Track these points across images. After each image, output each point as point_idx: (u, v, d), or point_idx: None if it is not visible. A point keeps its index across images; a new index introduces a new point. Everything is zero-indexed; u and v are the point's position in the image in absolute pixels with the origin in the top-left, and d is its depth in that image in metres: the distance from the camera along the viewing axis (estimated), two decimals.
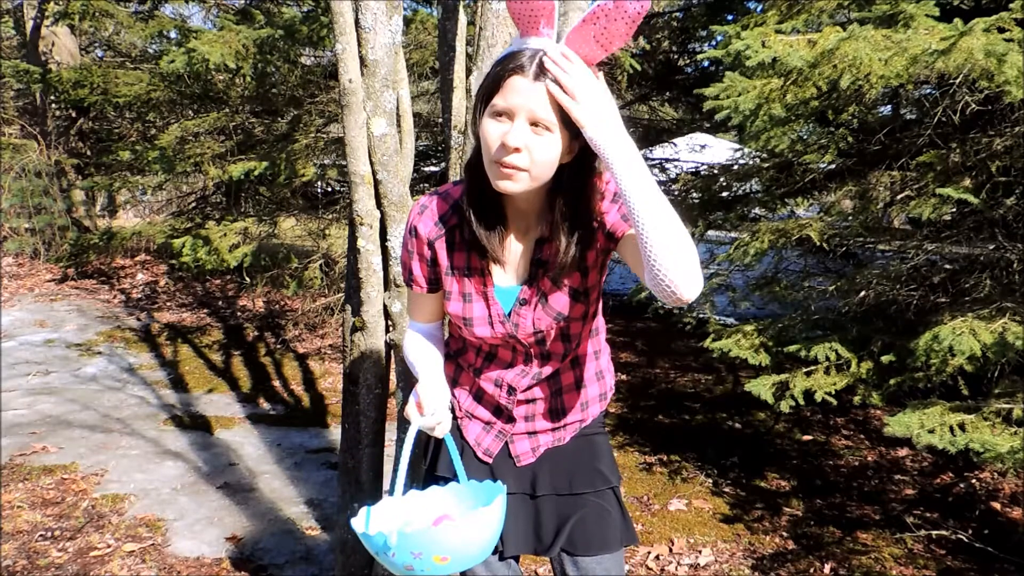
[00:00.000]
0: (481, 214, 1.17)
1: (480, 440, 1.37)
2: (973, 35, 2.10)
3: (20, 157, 7.40)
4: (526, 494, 1.36)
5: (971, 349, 2.26)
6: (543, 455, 1.37)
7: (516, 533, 1.35)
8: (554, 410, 1.35)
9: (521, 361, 1.30)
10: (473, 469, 1.36)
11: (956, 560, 2.66)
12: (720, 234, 4.59)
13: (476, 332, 1.26)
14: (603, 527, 1.33)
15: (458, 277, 1.25)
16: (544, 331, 1.25)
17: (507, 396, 1.32)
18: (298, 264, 5.40)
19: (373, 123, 1.86)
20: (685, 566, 2.65)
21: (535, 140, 1.05)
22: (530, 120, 1.05)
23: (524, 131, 1.05)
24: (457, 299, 1.26)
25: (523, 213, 1.20)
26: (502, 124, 1.06)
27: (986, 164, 2.53)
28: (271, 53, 4.66)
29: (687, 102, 6.52)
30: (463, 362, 1.37)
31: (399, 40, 1.93)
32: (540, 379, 1.31)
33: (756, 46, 2.51)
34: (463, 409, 1.39)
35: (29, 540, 2.63)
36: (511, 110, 1.05)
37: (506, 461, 1.37)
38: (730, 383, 4.77)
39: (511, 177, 1.07)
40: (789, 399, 2.79)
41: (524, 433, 1.36)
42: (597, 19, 1.00)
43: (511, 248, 1.23)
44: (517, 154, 1.05)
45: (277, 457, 3.50)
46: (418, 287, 1.30)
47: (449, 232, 1.24)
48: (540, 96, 1.03)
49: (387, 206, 1.92)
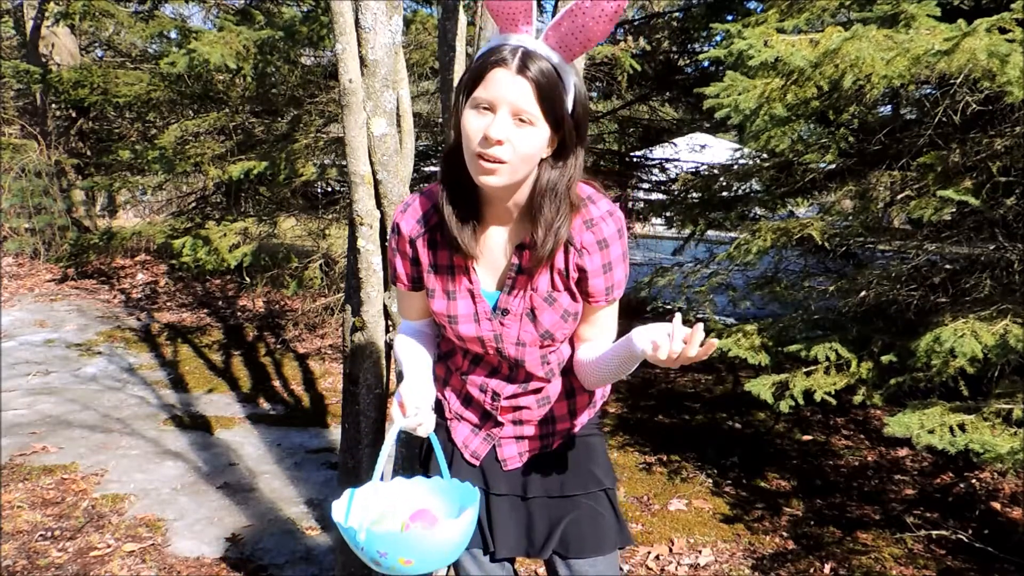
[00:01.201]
0: (455, 206, 1.16)
1: (468, 442, 1.36)
2: (976, 35, 2.10)
3: (20, 157, 7.40)
4: (517, 496, 1.35)
5: (972, 351, 2.25)
6: (533, 458, 1.36)
7: (507, 535, 1.34)
8: (543, 418, 1.33)
9: (506, 369, 1.29)
10: (462, 471, 1.35)
11: (956, 560, 2.66)
12: (720, 234, 4.59)
13: (461, 330, 1.25)
14: (596, 529, 1.32)
15: (441, 275, 1.24)
16: (528, 344, 1.24)
17: (491, 402, 1.31)
18: (298, 264, 5.40)
19: (373, 123, 1.86)
20: (685, 566, 2.65)
21: (517, 132, 1.06)
22: (513, 112, 1.05)
23: (507, 123, 1.05)
24: (441, 296, 1.25)
25: (501, 213, 1.18)
26: (483, 117, 1.06)
27: (986, 164, 2.52)
28: (271, 53, 4.66)
29: (687, 102, 6.52)
30: (451, 364, 1.36)
31: (399, 40, 1.93)
32: (527, 389, 1.30)
33: (758, 45, 2.51)
34: (452, 411, 1.38)
35: (29, 540, 2.63)
36: (493, 102, 1.05)
37: (494, 464, 1.36)
38: (730, 383, 4.77)
39: (493, 171, 1.07)
40: (789, 399, 2.78)
41: (512, 437, 1.35)
42: (575, 16, 1.01)
43: (490, 249, 1.22)
44: (499, 146, 1.05)
45: (277, 457, 3.50)
46: (402, 284, 1.30)
47: (431, 230, 1.23)
48: (523, 88, 1.04)
49: (387, 206, 1.91)
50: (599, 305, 1.23)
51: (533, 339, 1.23)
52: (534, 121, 1.05)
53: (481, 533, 1.34)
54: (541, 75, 1.04)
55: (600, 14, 1.00)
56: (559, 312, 1.22)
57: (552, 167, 1.12)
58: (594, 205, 1.17)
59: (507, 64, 1.04)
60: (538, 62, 1.04)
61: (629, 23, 6.16)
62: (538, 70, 1.04)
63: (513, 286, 1.22)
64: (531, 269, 1.19)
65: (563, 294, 1.21)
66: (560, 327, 1.23)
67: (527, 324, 1.22)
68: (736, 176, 3.91)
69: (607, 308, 1.25)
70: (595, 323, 1.26)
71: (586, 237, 1.17)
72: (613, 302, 1.24)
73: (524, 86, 1.04)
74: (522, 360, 1.25)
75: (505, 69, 1.04)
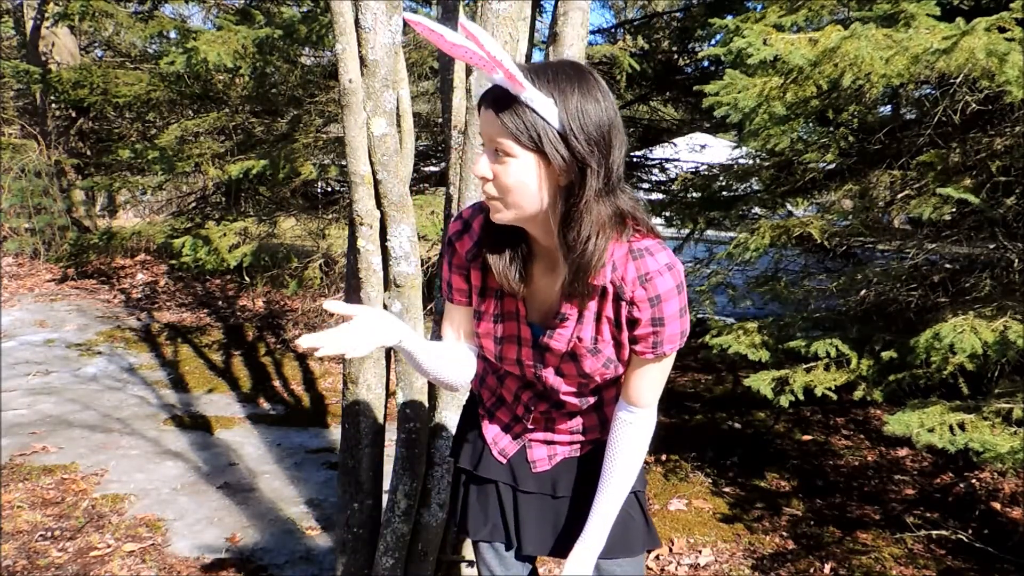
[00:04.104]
0: (498, 248, 1.17)
1: (497, 440, 1.36)
2: (975, 34, 2.10)
3: (20, 157, 7.40)
4: (547, 495, 1.35)
5: (972, 347, 2.25)
6: (563, 461, 1.36)
7: (534, 533, 1.33)
8: (573, 428, 1.34)
9: (541, 386, 1.29)
10: (490, 467, 1.35)
11: (956, 560, 2.66)
12: (719, 233, 4.58)
13: (505, 352, 1.25)
14: (626, 531, 1.31)
15: (488, 298, 1.24)
16: (566, 375, 1.23)
17: (524, 411, 1.32)
18: (298, 264, 5.40)
19: (373, 123, 1.86)
20: (685, 566, 2.65)
21: (498, 168, 1.07)
22: (493, 147, 1.07)
23: (486, 160, 1.08)
24: (488, 319, 1.25)
25: (544, 254, 1.18)
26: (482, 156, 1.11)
27: (986, 164, 2.53)
28: (271, 53, 4.66)
29: (687, 102, 6.51)
30: (489, 367, 1.36)
31: (399, 40, 1.93)
32: (560, 411, 1.31)
33: (757, 44, 2.51)
34: (485, 407, 1.39)
35: (29, 540, 2.63)
36: (485, 141, 1.09)
37: (523, 464, 1.36)
38: (730, 383, 4.77)
39: (492, 208, 1.10)
40: (789, 395, 2.78)
41: (542, 441, 1.35)
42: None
43: (539, 289, 1.21)
44: (486, 183, 1.09)
45: (277, 457, 3.50)
46: (459, 297, 1.28)
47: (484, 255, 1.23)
48: (492, 121, 1.05)
49: (387, 206, 1.91)
50: (647, 359, 1.19)
51: (572, 375, 1.23)
52: (511, 151, 1.05)
53: (505, 528, 1.35)
54: (498, 104, 1.03)
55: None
56: (601, 361, 1.20)
57: (566, 196, 1.08)
58: (652, 258, 1.13)
59: (484, 101, 1.06)
60: (503, 93, 1.03)
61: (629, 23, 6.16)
62: (501, 101, 1.03)
63: (557, 331, 1.20)
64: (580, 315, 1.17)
65: (608, 344, 1.18)
66: (601, 372, 1.21)
67: (568, 362, 1.22)
68: (736, 175, 3.91)
69: (656, 363, 1.20)
70: (641, 375, 1.21)
71: (638, 292, 1.13)
72: (663, 357, 1.19)
73: (492, 119, 1.05)
74: (558, 390, 1.25)
75: (484, 107, 1.06)
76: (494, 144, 1.06)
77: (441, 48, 1.05)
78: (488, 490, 1.37)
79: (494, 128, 1.05)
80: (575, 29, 1.88)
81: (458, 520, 1.40)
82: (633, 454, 1.25)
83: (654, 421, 1.27)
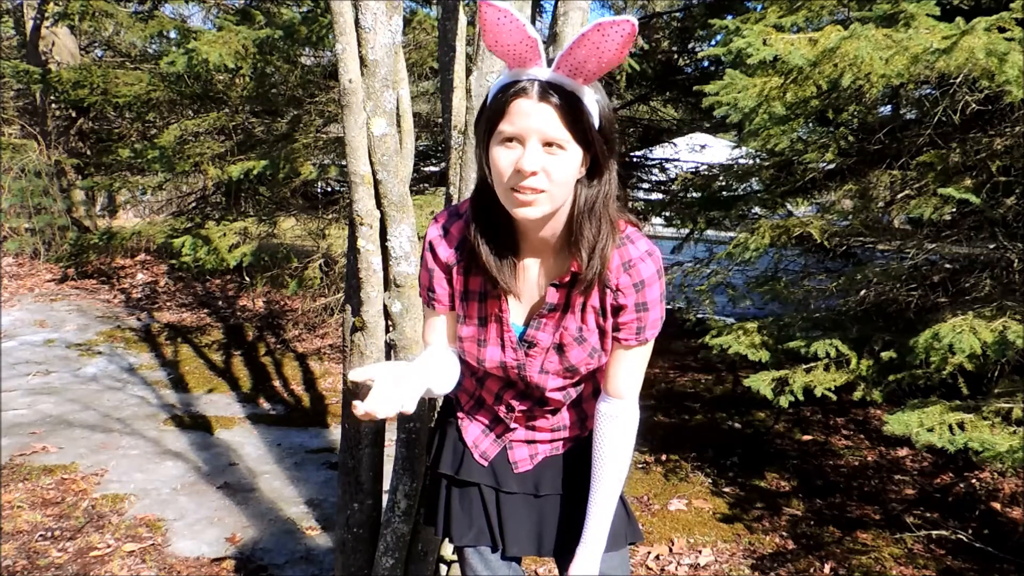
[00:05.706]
0: (490, 243, 1.15)
1: (478, 443, 1.37)
2: (974, 34, 2.10)
3: (20, 157, 7.40)
4: (529, 494, 1.35)
5: (971, 347, 2.25)
6: (545, 459, 1.36)
7: (519, 533, 1.34)
8: (554, 425, 1.35)
9: (523, 385, 1.30)
10: (472, 470, 1.35)
11: (956, 560, 2.66)
12: (719, 233, 4.58)
13: (486, 355, 1.25)
14: None
15: (471, 302, 1.24)
16: (551, 373, 1.24)
17: (505, 411, 1.33)
18: (298, 264, 5.40)
19: (373, 123, 1.86)
20: (685, 566, 2.65)
21: (550, 160, 1.04)
22: (543, 141, 1.04)
23: (538, 152, 1.04)
24: (470, 323, 1.25)
25: (538, 245, 1.17)
26: (512, 150, 1.05)
27: (986, 164, 2.53)
28: (271, 53, 4.66)
29: (687, 102, 6.52)
30: (466, 370, 1.37)
31: (399, 40, 1.93)
32: (542, 408, 1.31)
33: (757, 44, 2.51)
34: (464, 410, 1.39)
35: (29, 540, 2.63)
36: (520, 134, 1.04)
37: (505, 464, 1.36)
38: (730, 383, 4.77)
39: (531, 203, 1.06)
40: (788, 395, 2.78)
41: (523, 441, 1.36)
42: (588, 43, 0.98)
43: (526, 283, 1.21)
44: (534, 177, 1.04)
45: (277, 457, 3.50)
46: (440, 305, 1.28)
47: (466, 258, 1.22)
48: (548, 115, 1.02)
49: (387, 206, 1.91)
50: (630, 345, 1.21)
51: (557, 370, 1.24)
52: (564, 146, 1.04)
53: (489, 530, 1.35)
54: (563, 99, 1.02)
55: (613, 40, 0.97)
56: (587, 350, 1.21)
57: (588, 186, 1.10)
58: (632, 245, 1.15)
59: (528, 94, 1.02)
60: (557, 87, 1.03)
61: None
62: (559, 94, 1.02)
63: (543, 322, 1.21)
64: (566, 305, 1.18)
65: (593, 333, 1.20)
66: (586, 363, 1.22)
67: (552, 356, 1.22)
68: (736, 175, 3.91)
69: (637, 349, 1.22)
70: (623, 363, 1.24)
71: (623, 279, 1.15)
72: (645, 343, 1.22)
73: (549, 112, 1.02)
74: (543, 387, 1.26)
75: (527, 99, 1.02)
76: (544, 137, 1.03)
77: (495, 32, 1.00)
78: (471, 494, 1.37)
79: (550, 122, 1.03)
80: (575, 29, 1.88)
81: (441, 526, 1.40)
82: (621, 450, 1.26)
83: (637, 415, 1.29)
